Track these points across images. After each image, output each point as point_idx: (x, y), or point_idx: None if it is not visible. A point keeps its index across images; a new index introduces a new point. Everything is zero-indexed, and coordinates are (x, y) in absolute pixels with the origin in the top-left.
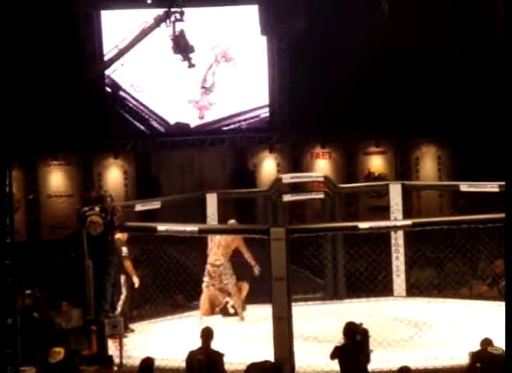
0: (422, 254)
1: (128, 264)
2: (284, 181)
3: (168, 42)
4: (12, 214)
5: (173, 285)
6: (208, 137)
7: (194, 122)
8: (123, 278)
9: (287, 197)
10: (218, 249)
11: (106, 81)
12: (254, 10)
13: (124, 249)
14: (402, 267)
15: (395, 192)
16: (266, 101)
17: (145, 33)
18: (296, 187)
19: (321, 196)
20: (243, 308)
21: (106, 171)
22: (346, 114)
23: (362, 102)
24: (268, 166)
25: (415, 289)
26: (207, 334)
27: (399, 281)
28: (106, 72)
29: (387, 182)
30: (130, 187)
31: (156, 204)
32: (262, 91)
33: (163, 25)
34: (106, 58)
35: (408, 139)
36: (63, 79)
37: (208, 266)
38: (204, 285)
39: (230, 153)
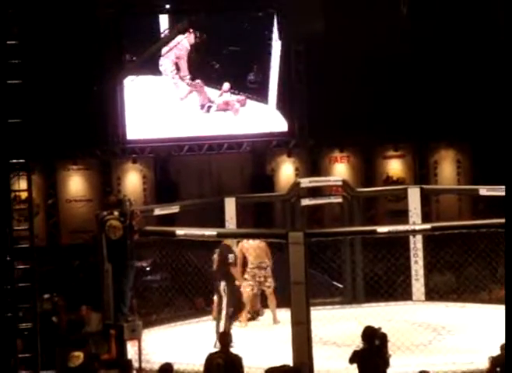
0: (441, 258)
1: (234, 270)
2: (302, 185)
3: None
4: (31, 219)
5: (192, 289)
6: (226, 142)
7: (212, 127)
8: (223, 284)
9: (305, 201)
10: (259, 251)
11: (126, 87)
12: (271, 15)
13: (231, 256)
14: (421, 271)
15: (414, 196)
16: (284, 106)
17: (165, 42)
18: (314, 191)
19: (340, 200)
20: (261, 313)
21: (125, 175)
22: (365, 118)
23: (380, 105)
24: (287, 170)
25: (434, 293)
26: (226, 338)
27: (418, 285)
28: (126, 79)
29: (405, 186)
30: (149, 191)
31: (174, 209)
32: (280, 96)
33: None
34: (127, 65)
35: (426, 143)
36: (83, 85)
37: (251, 270)
38: (248, 289)
39: (248, 157)
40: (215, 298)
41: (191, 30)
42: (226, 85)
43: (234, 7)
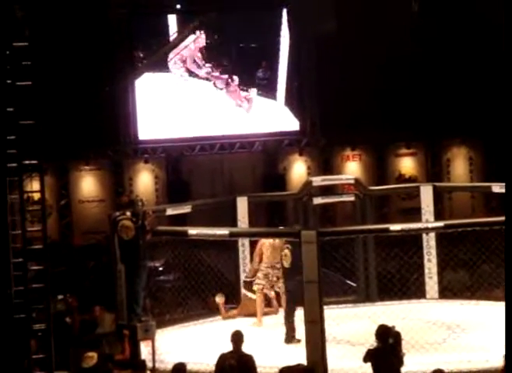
0: (454, 256)
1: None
2: (314, 184)
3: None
4: (44, 220)
5: (204, 289)
6: (237, 141)
7: (223, 126)
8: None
9: (318, 200)
10: (274, 251)
11: (137, 87)
12: (280, 12)
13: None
14: (435, 269)
15: (426, 194)
16: (295, 104)
17: (176, 43)
18: (326, 190)
19: (352, 198)
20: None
21: (137, 176)
22: (376, 116)
23: (392, 103)
24: (298, 169)
25: (447, 291)
26: (238, 338)
27: (432, 283)
28: (138, 79)
29: (418, 184)
30: (161, 191)
31: (186, 208)
32: (291, 94)
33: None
34: (138, 65)
35: (439, 140)
36: (95, 85)
37: (265, 269)
38: (258, 288)
39: (260, 156)
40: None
41: (202, 31)
42: (236, 79)
43: (244, 6)
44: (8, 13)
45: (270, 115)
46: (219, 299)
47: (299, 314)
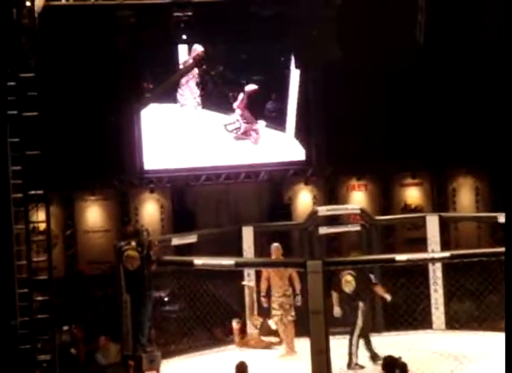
0: (460, 286)
1: (377, 288)
2: (320, 213)
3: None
4: (50, 250)
5: (210, 319)
6: (243, 171)
7: (229, 156)
8: (361, 305)
9: (323, 230)
10: (281, 280)
11: (143, 117)
12: (288, 44)
13: (373, 276)
14: (441, 300)
15: (432, 224)
16: (301, 134)
17: (182, 74)
18: (332, 220)
19: (358, 228)
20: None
21: (142, 205)
22: (382, 146)
23: (397, 133)
24: (304, 199)
25: (454, 322)
26: (242, 369)
27: (438, 314)
28: (144, 109)
29: (423, 213)
30: (166, 221)
31: (192, 238)
32: (297, 124)
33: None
34: (144, 97)
35: (444, 170)
36: (100, 115)
37: (278, 299)
38: (277, 319)
39: (266, 186)
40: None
41: (207, 61)
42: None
43: (251, 37)
44: (15, 44)
45: (275, 145)
46: (236, 325)
47: (306, 344)
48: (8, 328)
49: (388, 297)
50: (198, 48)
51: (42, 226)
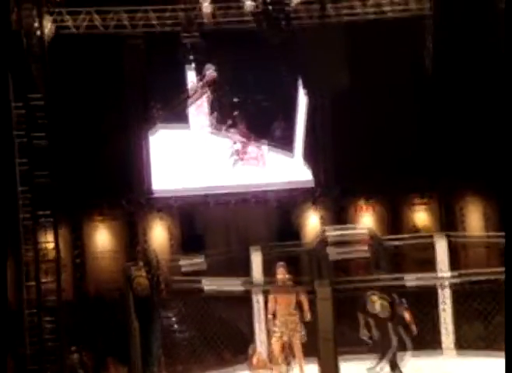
0: (469, 307)
1: (407, 314)
2: (328, 234)
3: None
4: (59, 273)
5: (218, 341)
6: (251, 193)
7: (237, 179)
8: (392, 327)
9: (331, 250)
10: (287, 299)
11: (152, 139)
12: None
13: (404, 300)
14: (450, 320)
15: (440, 244)
16: (309, 156)
17: (196, 97)
18: (339, 240)
19: (366, 249)
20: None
21: (151, 227)
22: (390, 167)
23: (405, 154)
24: (312, 220)
25: (463, 342)
26: None
27: (447, 335)
28: (152, 131)
29: (432, 234)
30: (175, 244)
31: (200, 261)
32: (305, 145)
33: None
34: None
35: (452, 191)
36: (109, 137)
37: (283, 317)
38: (277, 335)
39: (274, 209)
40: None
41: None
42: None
43: (259, 62)
44: (26, 72)
45: (283, 167)
46: (252, 351)
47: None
48: (17, 352)
49: (415, 330)
50: (211, 71)
51: (51, 248)
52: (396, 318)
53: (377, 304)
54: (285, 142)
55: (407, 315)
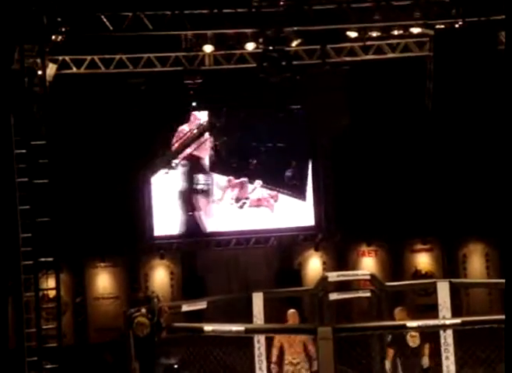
0: (472, 353)
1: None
2: (330, 279)
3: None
4: (60, 318)
5: None
6: (253, 236)
7: (238, 222)
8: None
9: (333, 296)
10: (291, 347)
11: (152, 184)
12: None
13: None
14: (453, 367)
15: (443, 290)
16: (310, 199)
17: (189, 142)
18: (342, 285)
19: (368, 294)
20: None
21: (152, 271)
22: (391, 212)
23: (407, 199)
24: (314, 264)
25: None
26: None
27: None
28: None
29: (434, 279)
30: (176, 287)
31: (202, 304)
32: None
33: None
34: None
35: (454, 236)
36: (109, 183)
37: (291, 362)
38: None
39: (275, 252)
40: None
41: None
42: (258, 182)
43: (260, 104)
44: (27, 112)
45: (290, 211)
46: None
47: None
48: None
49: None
50: (202, 117)
51: (52, 293)
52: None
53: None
54: (298, 189)
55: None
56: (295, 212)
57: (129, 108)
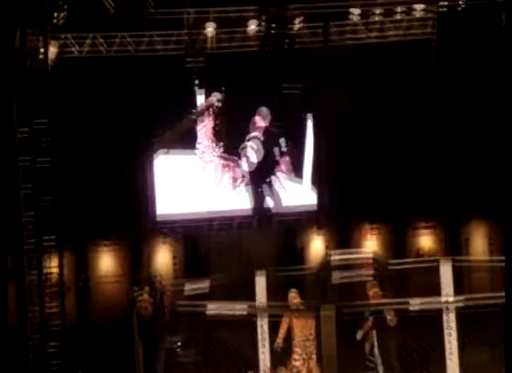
0: (475, 332)
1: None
2: (333, 258)
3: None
4: (63, 298)
5: (222, 365)
6: (254, 217)
7: (240, 202)
8: None
9: (336, 275)
10: (307, 323)
11: (156, 164)
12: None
13: None
14: (455, 348)
15: (446, 268)
16: (314, 180)
17: (191, 123)
18: (344, 265)
19: (371, 273)
20: None
21: (155, 252)
22: (394, 191)
23: (410, 178)
24: (317, 245)
25: (469, 371)
26: None
27: (452, 363)
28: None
29: (437, 258)
30: (179, 268)
31: (205, 283)
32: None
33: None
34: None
35: (457, 216)
36: (113, 163)
37: (301, 342)
38: (298, 363)
39: (278, 232)
40: None
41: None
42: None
43: (264, 85)
44: (29, 93)
45: (289, 190)
46: None
47: None
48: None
49: None
50: (215, 97)
51: (55, 274)
52: None
53: None
54: (297, 173)
55: None
56: (296, 193)
57: (132, 88)
